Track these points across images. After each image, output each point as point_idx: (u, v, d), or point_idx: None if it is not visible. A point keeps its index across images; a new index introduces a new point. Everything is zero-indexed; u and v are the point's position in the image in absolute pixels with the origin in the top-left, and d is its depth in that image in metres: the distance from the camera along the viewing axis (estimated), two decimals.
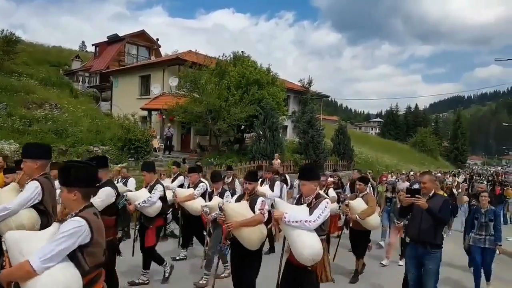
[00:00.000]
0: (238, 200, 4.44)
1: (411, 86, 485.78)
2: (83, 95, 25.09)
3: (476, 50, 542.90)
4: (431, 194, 4.33)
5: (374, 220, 5.92)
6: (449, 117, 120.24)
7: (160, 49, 30.93)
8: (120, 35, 28.70)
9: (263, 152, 16.98)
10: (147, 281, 5.40)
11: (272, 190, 7.30)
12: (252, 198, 4.27)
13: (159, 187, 5.19)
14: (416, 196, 4.11)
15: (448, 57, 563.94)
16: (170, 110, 17.54)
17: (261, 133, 17.41)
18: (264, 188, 7.08)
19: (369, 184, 8.27)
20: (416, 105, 73.72)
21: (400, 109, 70.08)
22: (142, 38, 29.49)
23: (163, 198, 5.25)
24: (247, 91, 17.95)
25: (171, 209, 7.76)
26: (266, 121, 17.30)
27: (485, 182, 7.58)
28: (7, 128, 15.66)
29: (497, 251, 5.83)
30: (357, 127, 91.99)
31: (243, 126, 19.19)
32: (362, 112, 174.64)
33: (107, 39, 29.11)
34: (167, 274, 5.45)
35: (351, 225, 6.11)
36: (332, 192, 7.28)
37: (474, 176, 24.76)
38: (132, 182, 8.05)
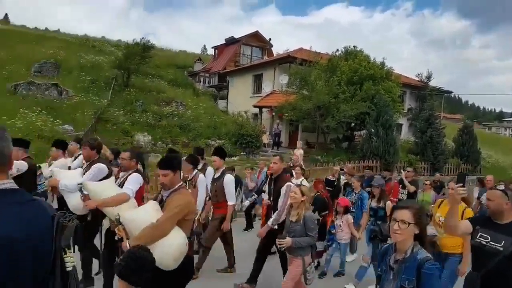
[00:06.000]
0: None
1: None
2: (203, 94, 27.55)
3: None
4: None
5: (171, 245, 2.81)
6: None
7: (272, 48, 31.98)
8: (236, 37, 30.59)
9: (374, 151, 16.18)
10: None
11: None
12: None
13: None
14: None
15: None
16: (280, 107, 18.02)
17: (373, 131, 16.61)
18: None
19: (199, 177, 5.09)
20: None
21: None
22: (255, 39, 30.91)
23: None
24: (360, 87, 17.33)
25: None
26: (379, 119, 16.42)
27: None
28: (142, 123, 18.21)
29: None
30: (486, 127, 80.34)
31: (353, 124, 18.58)
32: (493, 110, 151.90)
33: (224, 42, 31.38)
34: None
35: None
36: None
37: None
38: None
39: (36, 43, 24.00)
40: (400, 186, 7.68)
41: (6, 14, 71.38)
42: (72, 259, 1.31)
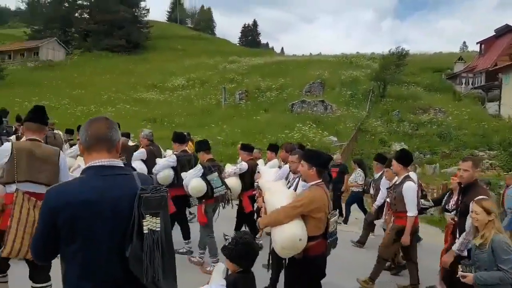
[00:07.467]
0: None
1: None
2: (466, 98, 24.59)
3: None
4: None
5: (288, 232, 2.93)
6: None
7: None
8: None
9: None
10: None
11: None
12: None
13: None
14: None
15: None
16: None
17: None
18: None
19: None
20: None
21: None
22: None
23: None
24: None
25: None
26: None
27: None
28: (399, 132, 18.29)
29: None
30: None
31: None
32: None
33: (494, 33, 26.86)
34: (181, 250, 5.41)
35: None
36: None
37: None
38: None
39: (305, 67, 28.50)
40: None
41: (282, 48, 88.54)
42: (153, 224, 1.50)
